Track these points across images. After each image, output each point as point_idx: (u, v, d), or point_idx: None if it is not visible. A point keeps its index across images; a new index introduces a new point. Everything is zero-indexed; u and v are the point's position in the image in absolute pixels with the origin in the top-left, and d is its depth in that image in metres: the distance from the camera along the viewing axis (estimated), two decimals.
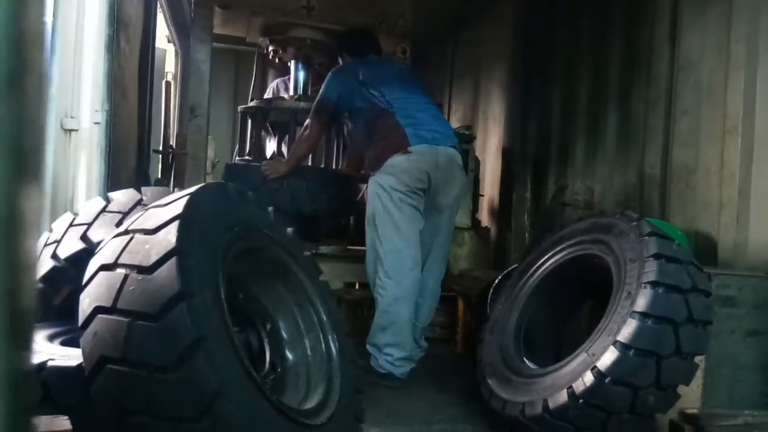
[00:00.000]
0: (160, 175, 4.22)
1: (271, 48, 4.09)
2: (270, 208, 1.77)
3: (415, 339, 2.80)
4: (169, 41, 4.96)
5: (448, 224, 2.89)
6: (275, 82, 4.66)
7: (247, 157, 3.90)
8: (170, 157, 4.12)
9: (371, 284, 2.79)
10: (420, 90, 3.05)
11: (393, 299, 2.66)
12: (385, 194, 2.69)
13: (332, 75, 3.10)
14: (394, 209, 2.67)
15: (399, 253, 2.67)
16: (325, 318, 1.70)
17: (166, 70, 4.87)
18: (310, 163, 3.74)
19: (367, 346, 2.75)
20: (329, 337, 1.69)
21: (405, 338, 2.68)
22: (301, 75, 4.07)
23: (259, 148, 3.95)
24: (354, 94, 2.93)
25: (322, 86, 3.11)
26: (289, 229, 1.79)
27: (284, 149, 4.14)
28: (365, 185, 4.09)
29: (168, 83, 4.39)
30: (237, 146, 4.34)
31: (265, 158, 3.77)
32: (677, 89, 2.93)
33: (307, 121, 3.19)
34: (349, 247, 3.68)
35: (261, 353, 1.61)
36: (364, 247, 3.84)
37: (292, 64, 4.07)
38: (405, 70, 3.33)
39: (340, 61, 3.40)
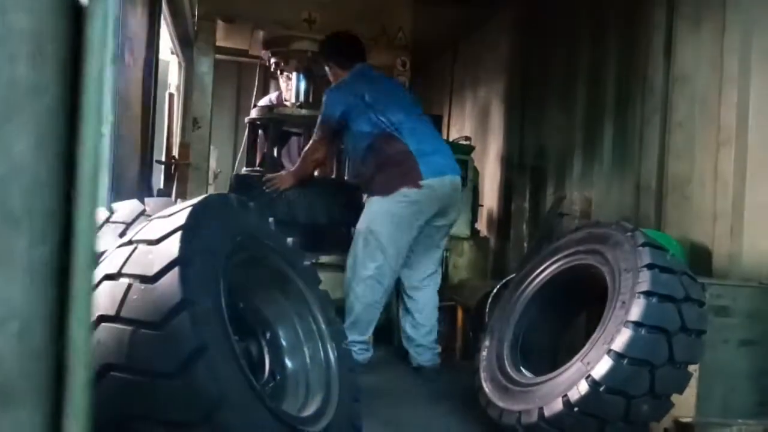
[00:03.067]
0: (162, 185, 4.26)
1: (273, 60, 4.14)
2: (270, 219, 1.80)
3: (426, 344, 3.08)
4: (172, 53, 5.02)
5: (441, 242, 3.15)
6: (274, 94, 4.67)
7: (258, 168, 3.94)
8: (173, 167, 4.17)
9: (346, 286, 3.00)
10: (418, 109, 3.19)
11: (368, 304, 2.93)
12: (387, 219, 2.88)
13: (332, 93, 3.11)
14: (394, 233, 2.89)
15: (381, 268, 2.92)
16: (324, 327, 1.73)
17: (169, 81, 4.93)
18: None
19: None
20: (328, 345, 1.72)
21: (369, 333, 2.99)
22: (303, 85, 4.12)
23: (272, 158, 3.96)
24: (359, 114, 3.00)
25: (323, 105, 3.14)
26: (290, 239, 1.83)
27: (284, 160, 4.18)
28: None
29: (171, 94, 4.44)
30: (240, 156, 4.38)
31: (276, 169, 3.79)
32: (672, 102, 2.97)
33: (311, 140, 3.28)
34: None
35: (261, 361, 1.64)
36: None
37: (293, 76, 4.13)
38: (401, 88, 3.45)
39: (327, 69, 3.34)
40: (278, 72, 4.24)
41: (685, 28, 2.92)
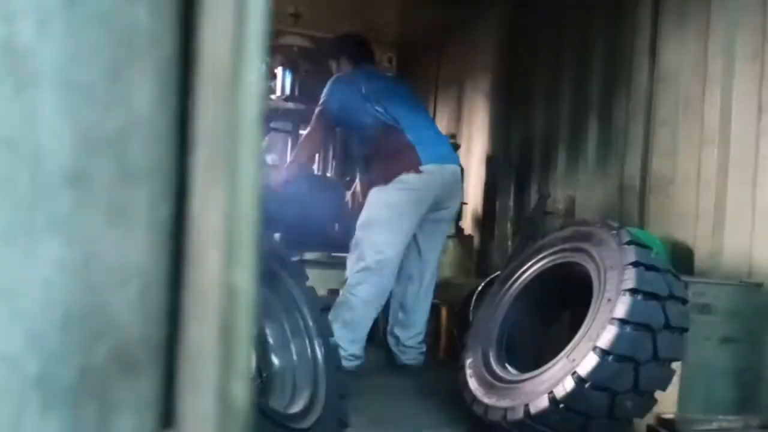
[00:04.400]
0: None
1: None
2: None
3: (413, 345, 3.02)
4: None
5: (444, 236, 3.15)
6: None
7: None
8: None
9: (347, 279, 2.89)
10: (418, 105, 3.22)
11: (364, 302, 2.80)
12: (388, 207, 2.82)
13: (333, 84, 3.10)
14: (395, 223, 2.81)
15: (384, 263, 2.80)
16: (311, 323, 1.72)
17: None
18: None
19: None
20: (315, 342, 1.71)
21: (363, 337, 2.87)
22: (288, 79, 4.11)
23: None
24: (357, 107, 2.97)
25: (323, 94, 3.12)
26: (276, 235, 1.81)
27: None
28: (349, 191, 4.15)
29: None
30: None
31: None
32: (656, 101, 3.00)
33: (308, 129, 3.24)
34: (333, 254, 3.70)
35: None
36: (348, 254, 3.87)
37: (279, 70, 4.11)
38: (401, 85, 3.47)
39: (333, 65, 3.33)
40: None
41: (670, 28, 2.95)
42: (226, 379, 0.46)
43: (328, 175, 4.14)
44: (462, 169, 4.28)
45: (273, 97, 4.05)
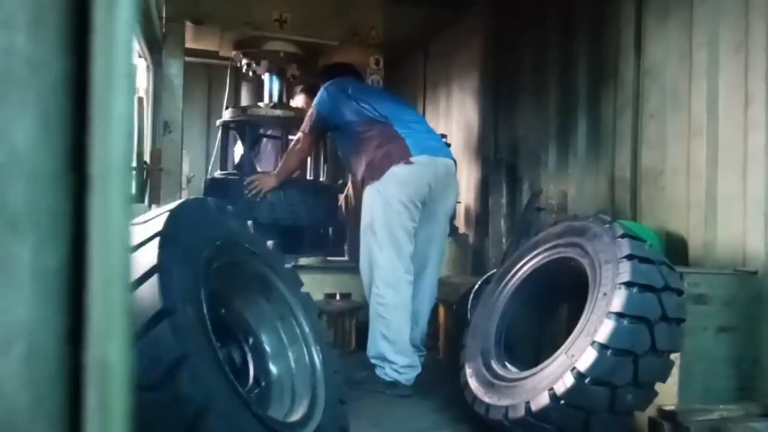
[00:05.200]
0: (134, 192, 4.17)
1: (244, 61, 4.10)
2: (249, 222, 1.78)
3: (415, 344, 2.92)
4: (139, 56, 4.92)
5: (443, 231, 3.06)
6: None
7: (233, 171, 3.91)
8: (144, 172, 4.08)
9: (366, 292, 2.85)
10: (407, 105, 3.20)
11: (393, 307, 2.73)
12: (385, 203, 2.75)
13: (323, 90, 3.12)
14: (394, 218, 2.74)
15: (395, 262, 2.74)
16: (307, 330, 1.71)
17: (138, 85, 4.82)
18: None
19: (370, 357, 2.78)
20: (312, 348, 1.70)
21: (406, 345, 2.77)
22: (276, 85, 4.10)
23: (250, 161, 3.93)
24: (344, 108, 2.98)
25: (314, 102, 3.14)
26: (270, 242, 1.80)
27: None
28: (342, 195, 4.14)
29: (140, 98, 4.34)
30: (213, 160, 4.32)
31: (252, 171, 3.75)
32: (643, 94, 3.01)
33: (298, 134, 3.24)
34: (328, 258, 3.69)
35: (244, 368, 1.61)
36: (343, 258, 3.87)
37: (266, 77, 4.09)
38: (389, 91, 3.50)
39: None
40: (249, 73, 4.18)
41: (654, 22, 2.96)
42: None
43: (321, 179, 4.12)
44: (455, 162, 4.30)
45: (261, 104, 4.04)
